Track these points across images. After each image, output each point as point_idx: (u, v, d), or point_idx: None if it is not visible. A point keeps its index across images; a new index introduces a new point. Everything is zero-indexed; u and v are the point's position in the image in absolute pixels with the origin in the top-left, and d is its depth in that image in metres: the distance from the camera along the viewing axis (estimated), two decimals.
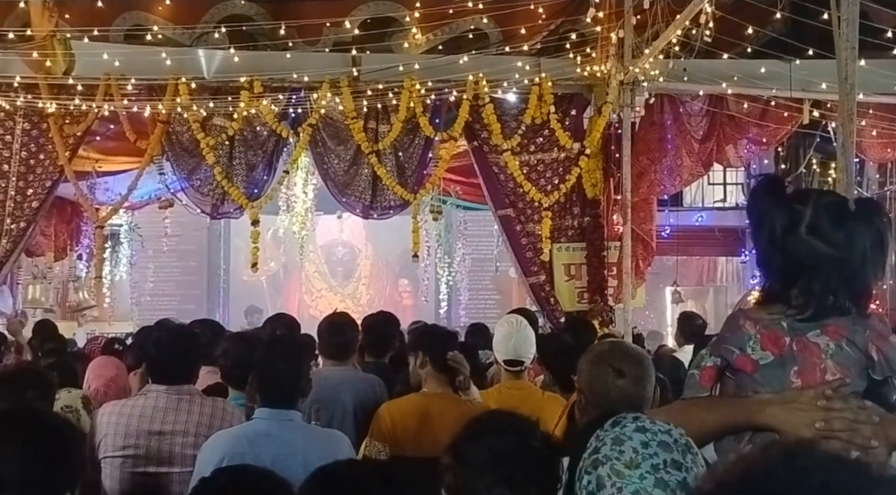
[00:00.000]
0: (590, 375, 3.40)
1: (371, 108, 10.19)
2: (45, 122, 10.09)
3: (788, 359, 2.58)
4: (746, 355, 2.62)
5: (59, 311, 13.70)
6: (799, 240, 2.59)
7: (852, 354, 2.58)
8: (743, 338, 2.64)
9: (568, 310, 10.27)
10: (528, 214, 10.44)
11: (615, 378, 3.32)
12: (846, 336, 2.59)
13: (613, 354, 3.41)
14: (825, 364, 2.56)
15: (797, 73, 9.89)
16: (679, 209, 14.32)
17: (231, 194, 10.19)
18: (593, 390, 3.36)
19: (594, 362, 3.42)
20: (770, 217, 2.64)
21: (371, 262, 17.38)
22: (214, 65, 10.06)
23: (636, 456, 2.07)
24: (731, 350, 2.66)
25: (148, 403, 4.46)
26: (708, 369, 2.71)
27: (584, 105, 10.61)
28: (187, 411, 4.44)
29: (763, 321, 2.64)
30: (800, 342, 2.59)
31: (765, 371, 2.60)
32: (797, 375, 2.57)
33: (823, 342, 2.58)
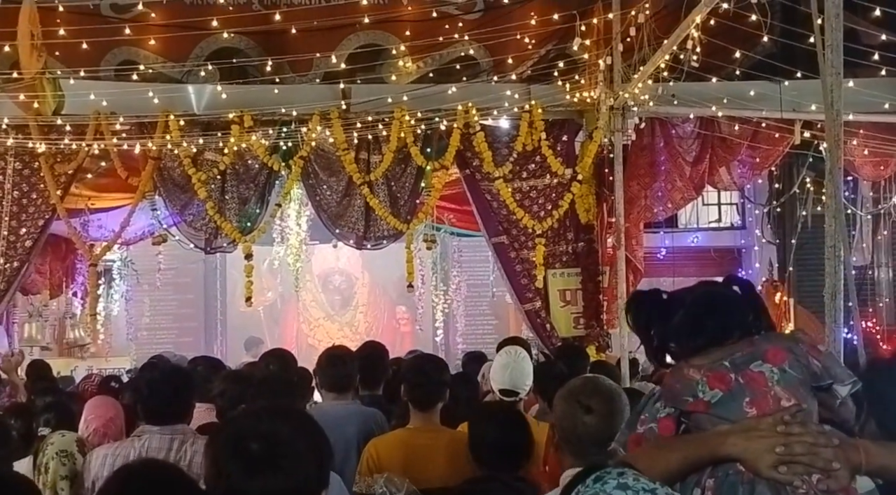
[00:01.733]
0: (560, 412, 3.42)
1: (362, 138, 10.21)
2: (36, 162, 10.11)
3: (738, 392, 2.63)
4: (698, 399, 2.67)
5: (56, 349, 13.66)
6: (699, 295, 2.92)
7: (796, 375, 2.64)
8: (691, 384, 2.70)
9: (564, 336, 10.25)
10: (522, 241, 10.43)
11: (583, 414, 3.33)
12: (787, 357, 2.67)
13: (584, 390, 3.42)
14: (774, 390, 2.62)
15: (787, 94, 9.91)
16: (674, 230, 14.31)
17: (224, 229, 10.19)
18: (563, 426, 3.39)
19: (565, 398, 3.44)
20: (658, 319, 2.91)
21: (368, 290, 17.34)
22: (204, 100, 10.09)
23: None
24: (684, 400, 2.71)
25: (141, 445, 4.45)
26: (664, 420, 2.76)
27: (575, 131, 10.63)
28: (179, 450, 4.42)
29: (705, 366, 2.71)
30: (745, 375, 2.65)
31: (717, 407, 2.64)
32: (751, 405, 2.61)
33: (767, 369, 2.65)
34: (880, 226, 12.38)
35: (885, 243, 12.47)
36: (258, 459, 2.17)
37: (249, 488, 2.16)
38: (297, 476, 2.20)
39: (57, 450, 5.13)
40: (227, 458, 2.21)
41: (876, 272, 12.59)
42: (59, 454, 5.10)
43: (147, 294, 14.52)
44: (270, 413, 2.36)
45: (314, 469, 2.26)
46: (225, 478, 2.18)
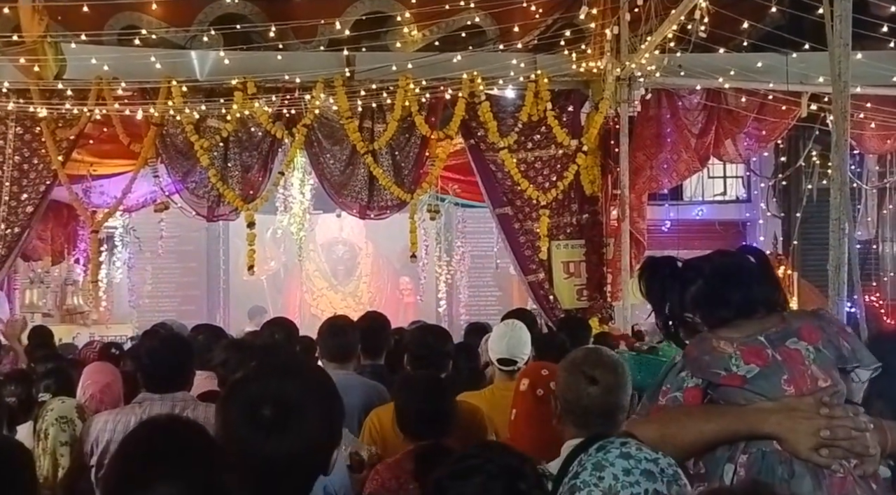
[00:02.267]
0: (564, 382, 3.36)
1: (366, 107, 10.14)
2: (37, 127, 10.07)
3: (775, 368, 2.59)
4: (732, 373, 2.61)
5: (58, 315, 13.65)
6: (719, 261, 2.88)
7: (829, 356, 2.61)
8: (723, 358, 2.64)
9: (567, 308, 10.22)
10: (526, 212, 10.39)
11: (587, 385, 3.27)
12: (822, 336, 2.64)
13: (587, 361, 3.35)
14: (811, 369, 2.58)
15: (794, 66, 9.86)
16: (679, 203, 14.28)
17: (226, 196, 10.15)
18: (566, 397, 3.32)
19: (568, 369, 3.37)
20: (673, 287, 2.86)
21: (372, 260, 17.32)
22: (207, 66, 10.01)
23: (615, 484, 2.01)
24: (716, 373, 2.65)
25: (142, 412, 4.45)
26: (691, 390, 2.69)
27: (580, 101, 10.55)
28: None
29: (738, 339, 2.66)
30: (782, 351, 2.60)
31: (754, 382, 2.59)
32: (788, 383, 2.57)
33: (803, 347, 2.61)
34: (885, 201, 12.33)
35: (889, 217, 12.43)
36: (269, 423, 2.18)
37: (262, 451, 2.18)
38: (310, 437, 2.22)
39: (57, 417, 5.12)
40: (239, 423, 2.22)
41: (880, 246, 12.56)
42: (59, 420, 5.10)
43: (149, 261, 14.50)
44: (280, 373, 2.35)
45: (326, 428, 2.27)
46: (236, 442, 2.18)
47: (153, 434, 2.15)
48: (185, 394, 4.62)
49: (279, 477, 2.19)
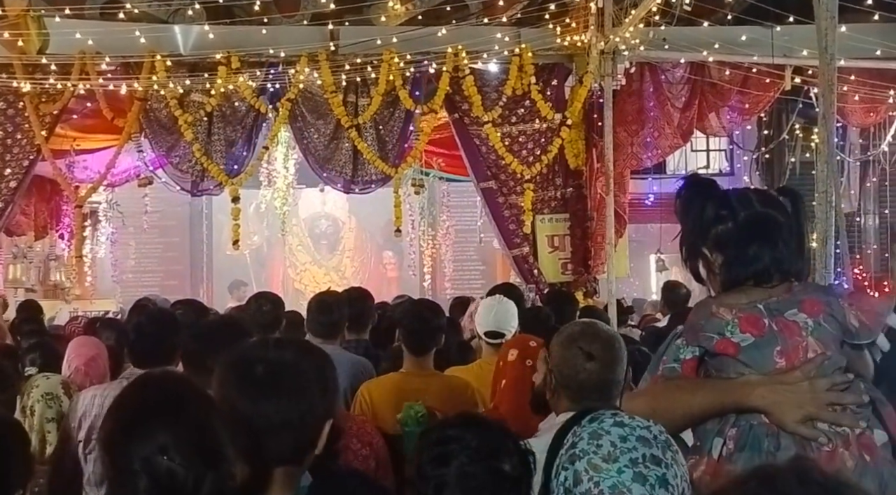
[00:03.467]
0: (559, 357, 3.32)
1: (350, 81, 10.13)
2: (20, 102, 10.02)
3: (770, 339, 2.58)
4: (726, 339, 2.61)
5: (41, 290, 13.60)
6: (752, 214, 2.72)
7: (830, 330, 2.58)
8: (720, 324, 2.63)
9: (552, 282, 10.26)
10: (511, 186, 10.40)
11: (584, 361, 3.24)
12: (824, 309, 2.60)
13: (584, 336, 3.31)
14: (806, 341, 2.56)
15: (778, 39, 9.85)
16: (662, 176, 14.27)
17: (210, 171, 10.13)
18: (562, 372, 3.30)
19: (564, 344, 3.33)
20: (702, 220, 2.74)
21: (355, 235, 17.29)
22: (191, 41, 9.98)
23: (614, 450, 2.03)
24: (709, 336, 2.64)
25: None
26: (688, 361, 2.70)
27: (564, 75, 10.56)
28: None
29: (738, 306, 2.64)
30: (779, 322, 2.59)
31: (747, 352, 2.58)
32: (780, 355, 2.56)
33: (802, 320, 2.58)
34: (868, 174, 12.38)
35: (872, 190, 12.48)
36: (261, 381, 2.22)
37: (253, 410, 2.20)
38: (301, 402, 2.23)
39: (42, 393, 5.12)
40: (232, 382, 2.26)
41: (863, 219, 12.61)
42: (45, 396, 5.09)
43: (132, 236, 14.43)
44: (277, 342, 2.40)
45: (319, 396, 2.28)
46: (229, 401, 2.22)
47: (148, 386, 2.20)
48: (175, 370, 4.62)
49: (270, 442, 2.21)
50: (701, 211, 2.73)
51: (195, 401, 2.11)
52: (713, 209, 2.72)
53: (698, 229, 2.75)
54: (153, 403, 2.08)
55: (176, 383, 2.23)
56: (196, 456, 1.99)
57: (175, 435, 2.00)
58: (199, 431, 2.03)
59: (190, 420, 2.05)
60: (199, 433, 2.03)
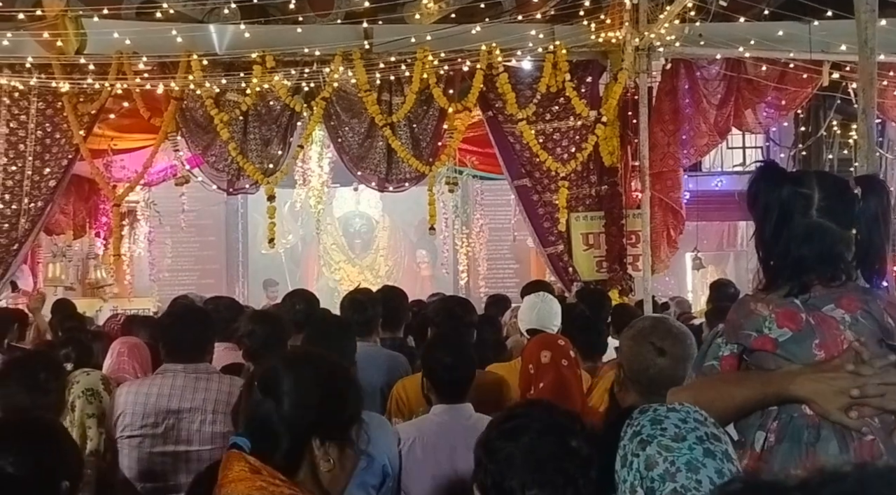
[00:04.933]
0: (631, 352, 3.36)
1: (384, 80, 10.14)
2: (59, 101, 10.12)
3: (808, 332, 2.55)
4: (764, 336, 2.59)
5: (80, 289, 13.75)
6: (812, 224, 2.62)
7: (868, 325, 2.55)
8: (758, 321, 2.61)
9: (587, 280, 10.22)
10: (545, 184, 10.37)
11: (655, 356, 3.28)
12: (861, 307, 2.57)
13: (656, 332, 3.34)
14: (844, 335, 2.53)
15: (816, 34, 9.76)
16: (698, 174, 14.18)
17: (246, 170, 10.18)
18: (633, 367, 3.33)
19: (635, 339, 3.37)
20: (777, 203, 2.65)
21: (389, 233, 17.34)
22: (226, 40, 10.02)
23: (679, 431, 2.05)
24: (748, 334, 2.62)
25: (166, 382, 4.48)
26: (727, 358, 2.69)
27: (599, 72, 10.51)
28: (205, 389, 4.45)
29: (774, 301, 2.62)
30: (816, 316, 2.56)
31: (786, 346, 2.56)
32: (819, 348, 2.54)
33: (839, 315, 2.56)
34: None
35: None
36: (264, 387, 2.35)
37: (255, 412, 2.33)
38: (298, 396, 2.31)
39: (83, 389, 5.15)
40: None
41: None
42: (86, 392, 5.12)
43: (169, 235, 14.57)
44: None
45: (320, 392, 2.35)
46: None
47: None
48: (208, 366, 4.64)
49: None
50: (780, 205, 2.64)
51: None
52: (789, 200, 2.64)
53: (770, 228, 2.68)
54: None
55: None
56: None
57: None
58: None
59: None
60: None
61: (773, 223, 2.66)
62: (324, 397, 2.34)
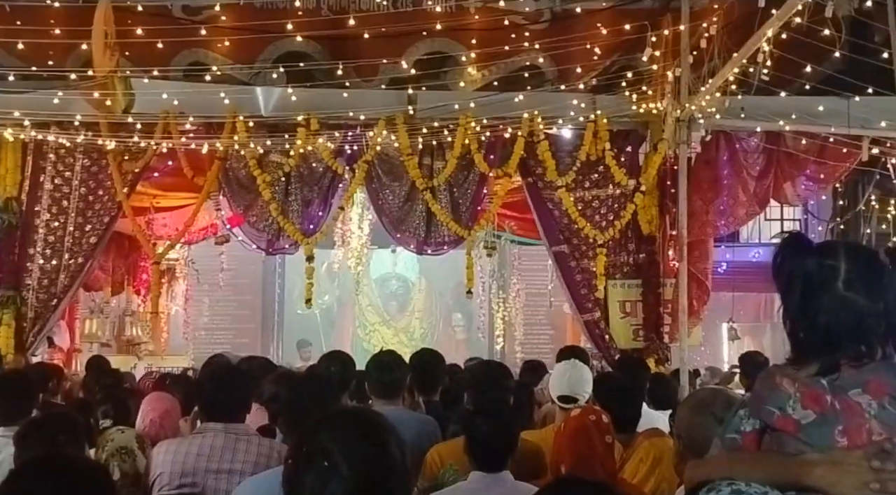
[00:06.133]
0: (690, 423, 3.36)
1: (426, 144, 10.23)
2: (104, 159, 10.25)
3: (832, 417, 2.46)
4: (787, 416, 2.51)
5: (115, 345, 13.83)
6: (837, 297, 2.55)
7: (894, 413, 2.46)
8: (782, 397, 2.53)
9: (623, 348, 10.17)
10: (583, 250, 10.38)
11: (717, 427, 3.23)
12: (888, 392, 2.48)
13: (716, 403, 3.34)
14: (869, 424, 2.44)
15: (855, 110, 9.76)
16: (735, 245, 14.19)
17: (287, 230, 10.26)
18: (692, 438, 3.31)
19: (695, 409, 3.37)
20: (802, 275, 2.59)
21: (425, 296, 17.39)
22: (272, 102, 10.15)
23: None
24: (770, 411, 2.55)
25: (206, 442, 4.44)
26: (748, 435, 2.62)
27: (639, 141, 10.56)
28: (245, 450, 4.41)
29: (801, 379, 2.54)
30: (842, 401, 2.47)
31: (808, 430, 2.48)
32: (842, 435, 2.45)
33: (865, 401, 2.47)
34: None
35: None
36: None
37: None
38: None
39: (117, 447, 5.16)
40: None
41: None
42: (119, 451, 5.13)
43: (206, 294, 14.67)
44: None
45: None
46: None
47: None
48: (247, 426, 4.61)
49: None
50: (803, 277, 2.59)
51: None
52: (814, 273, 2.58)
53: (794, 300, 2.62)
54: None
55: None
56: None
57: None
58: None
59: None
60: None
61: (799, 295, 2.59)
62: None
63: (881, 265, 2.58)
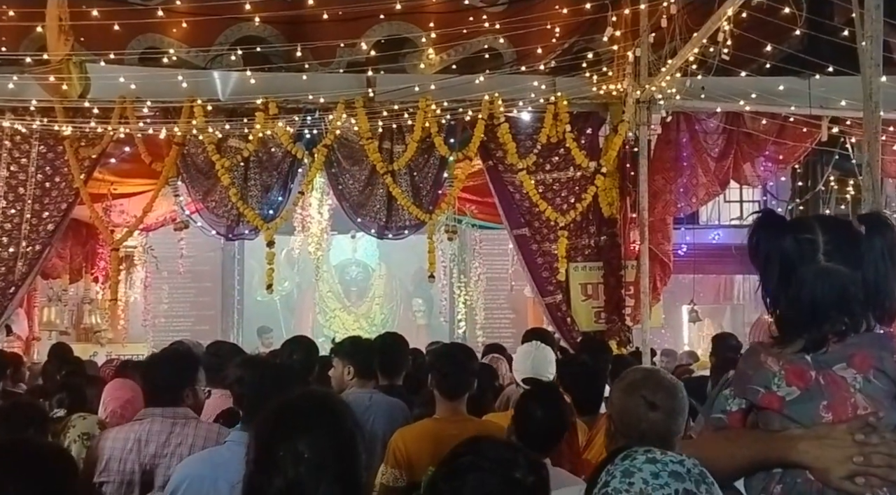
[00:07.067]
0: (621, 405, 3.26)
1: (386, 128, 10.18)
2: (60, 145, 10.11)
3: (816, 393, 2.47)
4: (772, 392, 2.52)
5: (74, 333, 13.68)
6: (819, 269, 2.54)
7: (881, 386, 2.47)
8: (766, 376, 2.54)
9: (585, 330, 10.19)
10: (544, 234, 10.38)
11: (647, 410, 3.18)
12: (874, 364, 2.48)
13: (647, 384, 3.26)
14: (854, 398, 2.45)
15: (815, 89, 9.83)
16: (695, 227, 14.27)
17: (246, 215, 10.17)
18: (624, 420, 3.23)
19: (627, 391, 3.28)
20: (779, 253, 2.59)
21: (385, 282, 17.35)
22: (230, 86, 10.05)
23: (646, 487, 1.98)
24: (755, 389, 2.55)
25: (143, 427, 4.41)
26: (734, 415, 2.62)
27: (599, 123, 10.56)
28: (183, 434, 4.38)
29: (785, 356, 2.54)
30: (826, 375, 2.48)
31: (793, 406, 2.49)
32: (827, 409, 2.46)
33: (850, 375, 2.47)
34: None
35: None
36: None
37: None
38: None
39: (79, 433, 5.13)
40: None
41: None
42: (82, 437, 5.11)
43: (166, 281, 14.53)
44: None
45: None
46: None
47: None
48: (187, 411, 4.51)
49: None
50: (780, 256, 2.59)
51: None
52: (791, 252, 2.58)
53: (772, 278, 2.63)
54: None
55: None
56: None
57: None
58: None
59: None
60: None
61: (778, 273, 2.59)
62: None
63: (857, 234, 2.58)
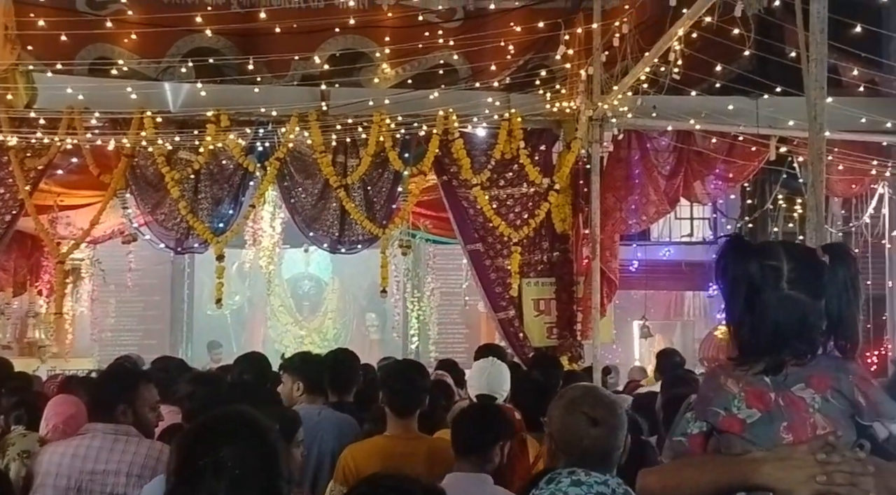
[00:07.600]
0: (561, 423, 3.22)
1: (340, 141, 10.13)
2: (5, 156, 9.96)
3: (776, 414, 2.51)
4: (732, 415, 2.55)
5: (17, 348, 13.42)
6: (783, 297, 2.58)
7: (838, 406, 2.52)
8: (727, 398, 2.57)
9: (537, 346, 10.19)
10: (498, 249, 10.38)
11: (588, 426, 3.15)
12: (831, 385, 2.53)
13: (586, 401, 3.23)
14: (814, 418, 2.50)
15: (764, 109, 9.96)
16: (646, 243, 14.35)
17: (196, 229, 10.07)
18: (565, 438, 3.18)
19: (567, 409, 3.24)
20: (746, 278, 2.62)
21: (338, 296, 17.27)
22: (181, 98, 9.96)
23: None
24: (716, 412, 2.58)
25: (83, 442, 4.35)
26: (695, 438, 2.64)
27: (553, 140, 10.60)
28: (122, 450, 4.31)
29: (745, 378, 2.58)
30: (785, 397, 2.52)
31: (753, 429, 2.52)
32: (787, 431, 2.50)
33: (809, 395, 2.52)
34: (850, 245, 12.42)
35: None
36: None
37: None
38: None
39: (19, 451, 5.07)
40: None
41: None
42: (21, 455, 5.04)
43: (113, 294, 14.34)
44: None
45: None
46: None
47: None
48: (129, 428, 4.45)
49: None
50: (746, 279, 2.62)
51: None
52: (756, 276, 2.61)
53: (738, 303, 2.65)
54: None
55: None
56: None
57: None
58: None
59: None
60: None
61: (744, 297, 2.62)
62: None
63: (820, 263, 2.62)
